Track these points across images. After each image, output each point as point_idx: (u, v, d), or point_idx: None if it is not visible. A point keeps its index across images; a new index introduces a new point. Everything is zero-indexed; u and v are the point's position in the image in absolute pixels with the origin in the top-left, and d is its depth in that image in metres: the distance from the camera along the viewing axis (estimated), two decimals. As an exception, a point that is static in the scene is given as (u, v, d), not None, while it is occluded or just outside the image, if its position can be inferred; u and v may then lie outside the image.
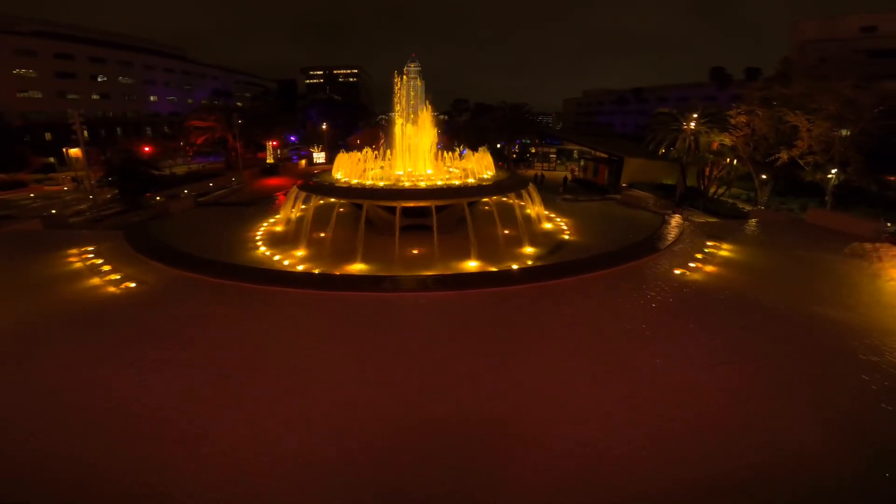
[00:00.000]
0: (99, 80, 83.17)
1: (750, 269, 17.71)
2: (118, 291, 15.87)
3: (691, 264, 17.86)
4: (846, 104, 28.30)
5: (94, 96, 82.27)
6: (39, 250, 20.25)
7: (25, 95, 72.08)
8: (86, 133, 40.40)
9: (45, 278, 16.90)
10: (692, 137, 36.79)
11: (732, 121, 33.54)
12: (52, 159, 61.43)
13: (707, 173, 37.97)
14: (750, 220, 26.63)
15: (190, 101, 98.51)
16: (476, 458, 8.11)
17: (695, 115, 37.17)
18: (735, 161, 35.94)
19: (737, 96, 37.01)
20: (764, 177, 33.98)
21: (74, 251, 19.67)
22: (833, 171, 29.56)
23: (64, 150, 62.33)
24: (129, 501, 7.29)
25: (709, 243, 20.31)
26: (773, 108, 31.22)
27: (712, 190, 37.45)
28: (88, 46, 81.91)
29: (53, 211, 33.06)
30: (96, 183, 33.66)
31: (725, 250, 19.67)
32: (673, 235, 21.85)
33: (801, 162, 30.18)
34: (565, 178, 50.88)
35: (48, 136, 68.68)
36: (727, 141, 34.42)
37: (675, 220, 25.25)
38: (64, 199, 40.18)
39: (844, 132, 29.49)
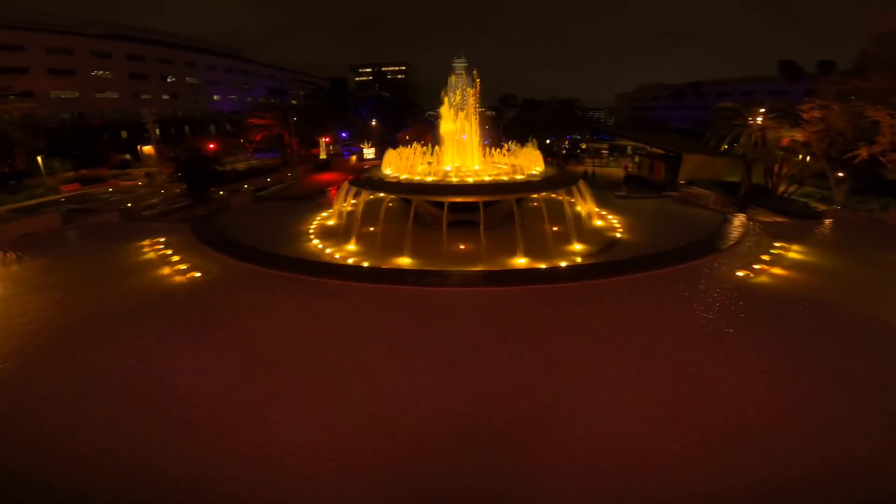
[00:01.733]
0: (168, 80, 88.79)
1: (821, 273, 16.47)
2: (185, 280, 16.96)
3: (756, 266, 16.82)
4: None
5: (165, 96, 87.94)
6: (117, 241, 22.03)
7: (103, 96, 78.05)
8: (157, 131, 43.33)
9: (122, 267, 18.34)
10: (759, 133, 34.51)
11: (805, 116, 31.18)
12: (127, 156, 66.23)
13: (776, 170, 35.50)
14: (824, 221, 24.73)
15: (249, 99, 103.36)
16: (520, 456, 8.05)
17: (762, 110, 34.84)
18: (808, 158, 33.43)
19: (809, 90, 34.39)
20: (840, 174, 31.39)
21: (147, 242, 21.18)
22: (921, 168, 26.89)
23: (138, 147, 67.15)
24: (176, 485, 7.67)
25: (776, 244, 19.04)
26: (850, 103, 28.79)
27: (782, 188, 34.98)
28: (158, 48, 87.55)
29: (129, 205, 35.69)
30: (167, 178, 35.98)
31: (795, 252, 18.37)
32: (736, 235, 20.65)
33: (882, 159, 27.66)
34: (626, 176, 49.37)
35: (124, 133, 74.12)
36: (799, 137, 32.04)
37: (739, 219, 23.83)
38: (138, 194, 43.27)
39: (933, 127, 26.69)
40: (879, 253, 18.41)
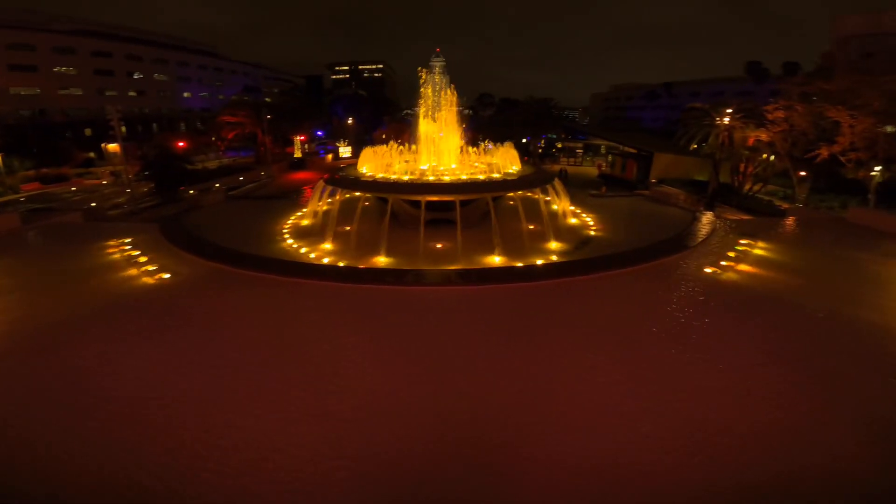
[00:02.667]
0: (135, 77, 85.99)
1: (786, 269, 17.08)
2: (153, 282, 16.46)
3: (723, 263, 17.34)
4: (892, 100, 26.93)
5: (131, 93, 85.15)
6: (80, 242, 21.16)
7: (66, 92, 75.05)
8: (123, 129, 41.91)
9: (86, 269, 17.64)
10: (726, 133, 35.60)
11: (770, 116, 32.32)
12: (92, 154, 63.85)
13: (742, 169, 36.71)
14: (787, 218, 25.66)
15: (221, 96, 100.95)
16: (496, 459, 8.05)
17: (729, 110, 35.95)
18: (772, 157, 34.68)
19: (775, 91, 35.70)
20: (802, 174, 32.67)
21: (113, 243, 20.45)
22: (877, 168, 28.22)
23: (103, 145, 64.77)
24: (144, 496, 7.43)
25: (742, 241, 19.68)
26: (812, 104, 29.98)
27: (747, 187, 36.19)
28: (125, 44, 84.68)
29: (93, 204, 34.42)
30: (134, 177, 34.88)
31: (760, 249, 19.02)
32: (704, 233, 21.25)
33: (842, 159, 28.93)
34: (602, 175, 50.19)
35: (88, 131, 71.46)
36: (764, 137, 33.20)
37: (707, 217, 24.54)
38: (103, 193, 41.79)
39: (890, 128, 28.09)
40: (840, 249, 19.23)
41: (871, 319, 12.62)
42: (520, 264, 18.72)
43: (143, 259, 18.38)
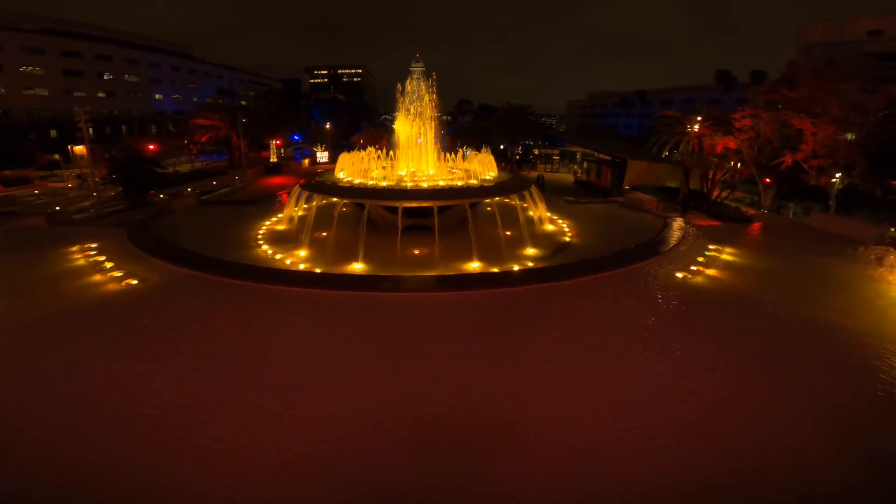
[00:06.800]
0: (105, 77, 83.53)
1: (751, 273, 17.66)
2: (120, 289, 15.96)
3: (693, 268, 17.80)
4: (852, 107, 28.15)
5: (100, 94, 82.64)
6: (43, 247, 20.36)
7: (32, 93, 72.43)
8: (91, 131, 40.60)
9: (48, 275, 16.99)
10: (696, 140, 36.60)
11: (737, 124, 33.37)
12: (57, 156, 61.66)
13: (710, 176, 37.77)
14: (753, 224, 26.52)
15: (195, 99, 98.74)
16: (475, 460, 8.09)
17: (699, 119, 36.99)
18: (739, 164, 35.77)
19: (742, 99, 36.82)
20: (768, 180, 33.80)
21: (77, 248, 19.77)
22: (838, 174, 29.42)
23: (69, 147, 62.53)
24: (124, 501, 7.27)
25: (711, 247, 20.25)
26: (777, 112, 31.04)
27: (716, 193, 37.23)
28: (95, 44, 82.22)
29: (57, 208, 33.16)
30: (101, 180, 33.76)
31: (727, 254, 19.62)
32: (675, 239, 21.78)
33: (805, 166, 30.04)
34: (578, 181, 51.04)
35: (54, 133, 69.02)
36: (731, 144, 34.22)
37: (678, 223, 25.16)
38: (68, 196, 40.35)
39: (850, 136, 29.31)
40: (801, 254, 19.99)
41: (831, 320, 13.17)
42: (496, 270, 18.83)
43: (109, 265, 17.81)
